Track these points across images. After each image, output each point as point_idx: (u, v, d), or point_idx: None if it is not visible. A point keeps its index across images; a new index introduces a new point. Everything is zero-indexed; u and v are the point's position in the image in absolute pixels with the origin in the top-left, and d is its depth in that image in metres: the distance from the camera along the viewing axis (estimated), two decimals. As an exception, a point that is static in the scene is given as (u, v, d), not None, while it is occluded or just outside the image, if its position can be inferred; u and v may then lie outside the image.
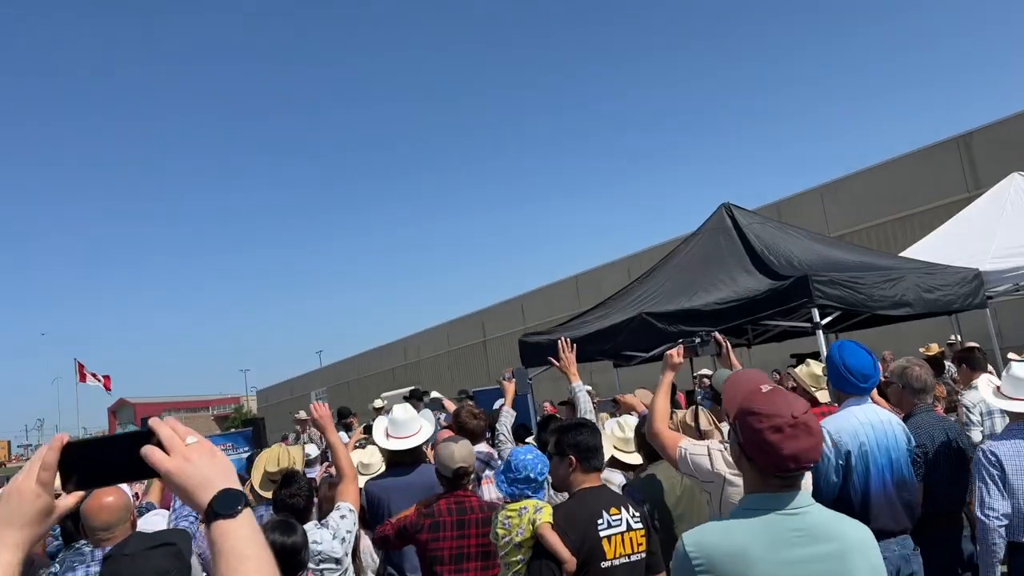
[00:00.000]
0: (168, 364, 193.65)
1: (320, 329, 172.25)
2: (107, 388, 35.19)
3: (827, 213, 21.99)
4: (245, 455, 10.96)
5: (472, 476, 3.77)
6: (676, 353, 3.49)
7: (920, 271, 7.12)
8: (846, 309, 6.32)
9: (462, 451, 3.69)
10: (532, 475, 3.14)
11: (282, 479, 3.90)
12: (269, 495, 4.37)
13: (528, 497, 3.12)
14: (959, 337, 9.73)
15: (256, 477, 4.98)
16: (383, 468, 5.27)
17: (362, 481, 4.98)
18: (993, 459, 3.66)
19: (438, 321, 46.77)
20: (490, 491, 4.57)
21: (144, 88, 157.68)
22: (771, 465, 1.85)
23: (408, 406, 4.99)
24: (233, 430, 12.44)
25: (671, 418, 3.55)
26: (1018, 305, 11.11)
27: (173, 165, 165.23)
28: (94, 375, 34.45)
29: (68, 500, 1.13)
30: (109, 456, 1.10)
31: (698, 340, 3.50)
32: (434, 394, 14.36)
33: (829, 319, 6.26)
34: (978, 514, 3.66)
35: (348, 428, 12.12)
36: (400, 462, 4.50)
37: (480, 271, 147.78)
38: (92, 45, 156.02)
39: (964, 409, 5.88)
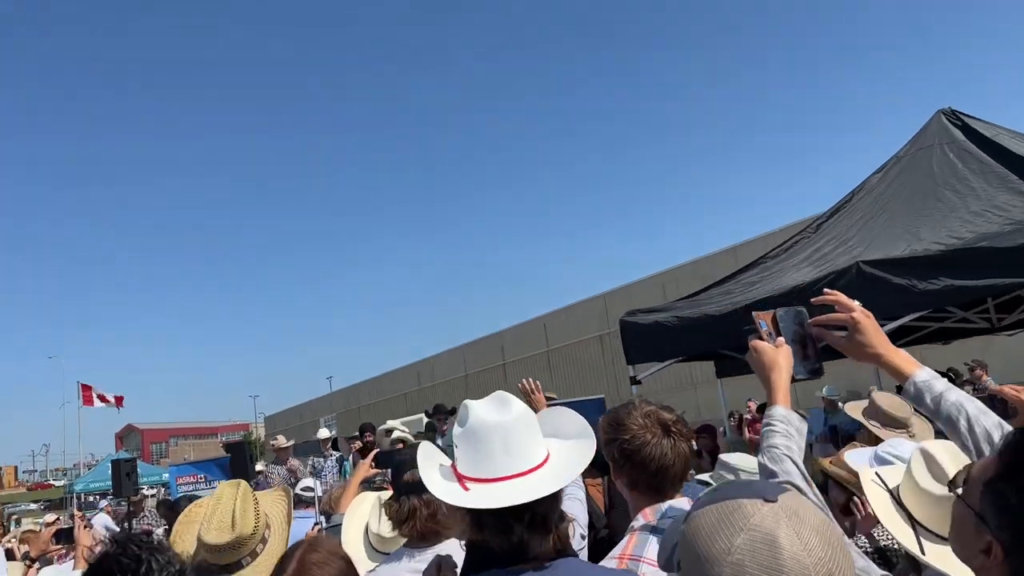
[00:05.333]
0: (176, 390, 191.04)
1: (331, 354, 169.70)
2: (119, 406, 33.05)
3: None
4: (221, 490, 8.09)
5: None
6: None
7: None
8: None
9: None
10: None
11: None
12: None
13: None
14: None
15: (183, 547, 2.26)
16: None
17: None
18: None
19: (454, 344, 44.06)
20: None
21: (162, 109, 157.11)
22: None
23: (502, 395, 1.94)
24: (211, 458, 9.41)
25: None
26: None
27: (183, 191, 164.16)
28: (101, 397, 32.33)
29: None
30: None
31: None
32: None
33: None
34: None
35: (365, 452, 9.22)
36: (506, 551, 1.49)
37: (499, 292, 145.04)
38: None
39: None
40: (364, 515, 3.23)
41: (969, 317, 5.80)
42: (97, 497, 39.10)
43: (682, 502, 1.98)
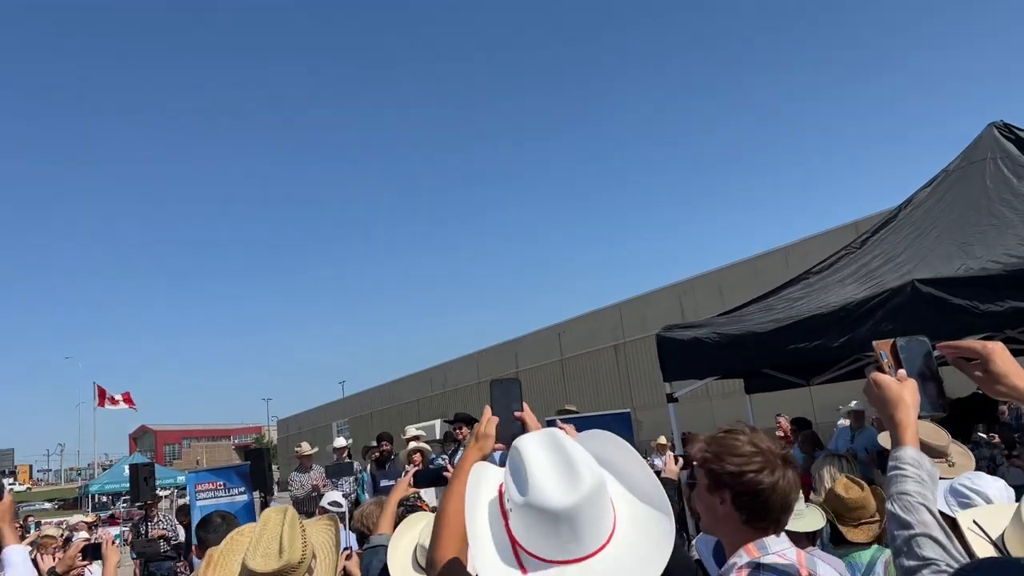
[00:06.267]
0: (190, 391, 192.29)
1: (344, 358, 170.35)
2: (130, 405, 33.21)
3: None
4: (240, 497, 7.88)
5: None
6: None
7: None
8: None
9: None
10: None
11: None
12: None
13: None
14: None
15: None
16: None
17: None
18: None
19: (468, 350, 43.96)
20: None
21: (171, 121, 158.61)
22: None
23: (564, 452, 1.57)
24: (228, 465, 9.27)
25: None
26: None
27: (199, 191, 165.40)
28: (112, 399, 32.59)
29: None
30: None
31: None
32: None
33: None
34: None
35: (383, 461, 8.92)
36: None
37: (514, 300, 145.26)
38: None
39: None
40: (415, 537, 3.07)
41: (1017, 336, 5.59)
42: (110, 498, 39.09)
43: (781, 538, 1.81)
